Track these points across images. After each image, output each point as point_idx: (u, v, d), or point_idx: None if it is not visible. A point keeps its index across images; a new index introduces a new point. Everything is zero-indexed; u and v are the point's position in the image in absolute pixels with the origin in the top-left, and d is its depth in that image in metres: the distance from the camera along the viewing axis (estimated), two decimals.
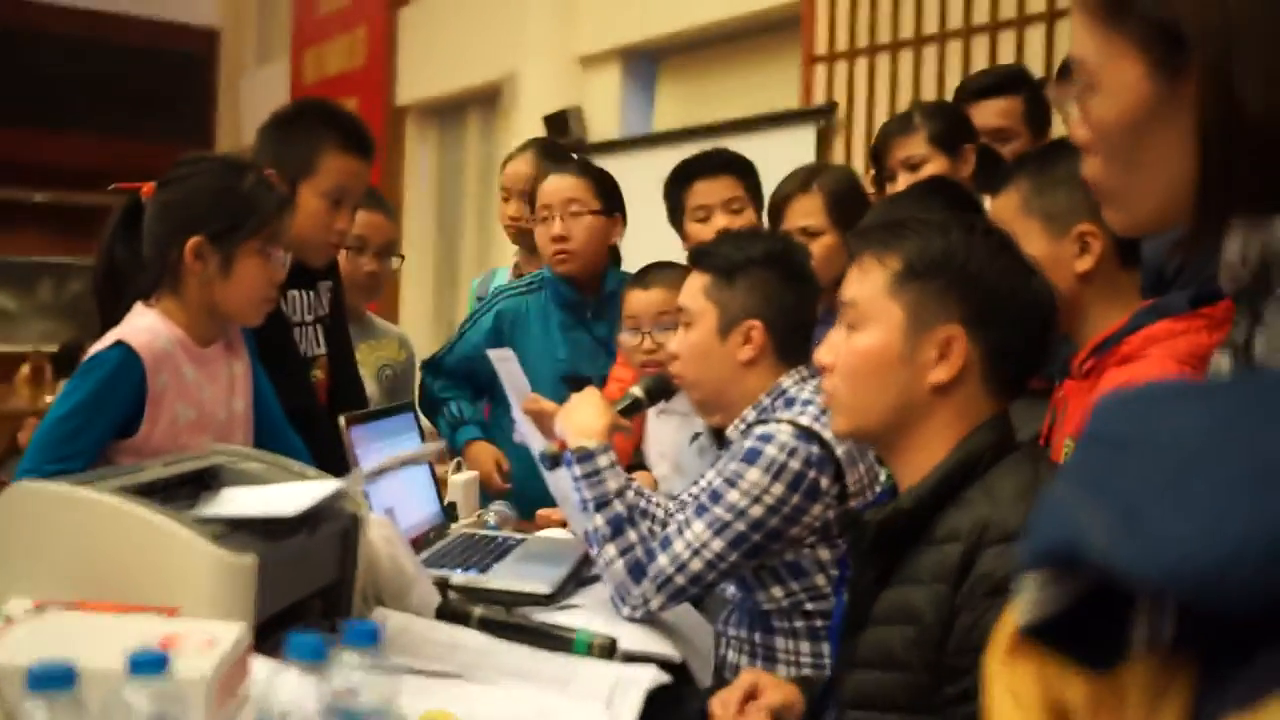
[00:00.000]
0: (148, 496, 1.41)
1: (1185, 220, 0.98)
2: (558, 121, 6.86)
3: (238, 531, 1.35)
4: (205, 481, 1.60)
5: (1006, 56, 5.01)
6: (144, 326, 1.84)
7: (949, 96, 5.14)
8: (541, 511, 2.54)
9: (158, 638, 1.11)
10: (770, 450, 1.75)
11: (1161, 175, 0.97)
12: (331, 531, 1.52)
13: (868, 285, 1.33)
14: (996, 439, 1.30)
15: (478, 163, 8.10)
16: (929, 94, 5.31)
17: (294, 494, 1.46)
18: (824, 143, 5.71)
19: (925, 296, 1.30)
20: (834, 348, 1.37)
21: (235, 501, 1.52)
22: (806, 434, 1.77)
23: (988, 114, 2.44)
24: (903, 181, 2.45)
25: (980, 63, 5.10)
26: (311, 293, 2.35)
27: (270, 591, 1.34)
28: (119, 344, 1.79)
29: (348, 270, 2.60)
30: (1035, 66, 4.93)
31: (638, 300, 2.49)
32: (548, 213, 2.83)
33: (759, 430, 1.80)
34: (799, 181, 2.57)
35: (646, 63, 6.97)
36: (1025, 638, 0.78)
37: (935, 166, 2.43)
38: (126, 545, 1.30)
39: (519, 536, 2.23)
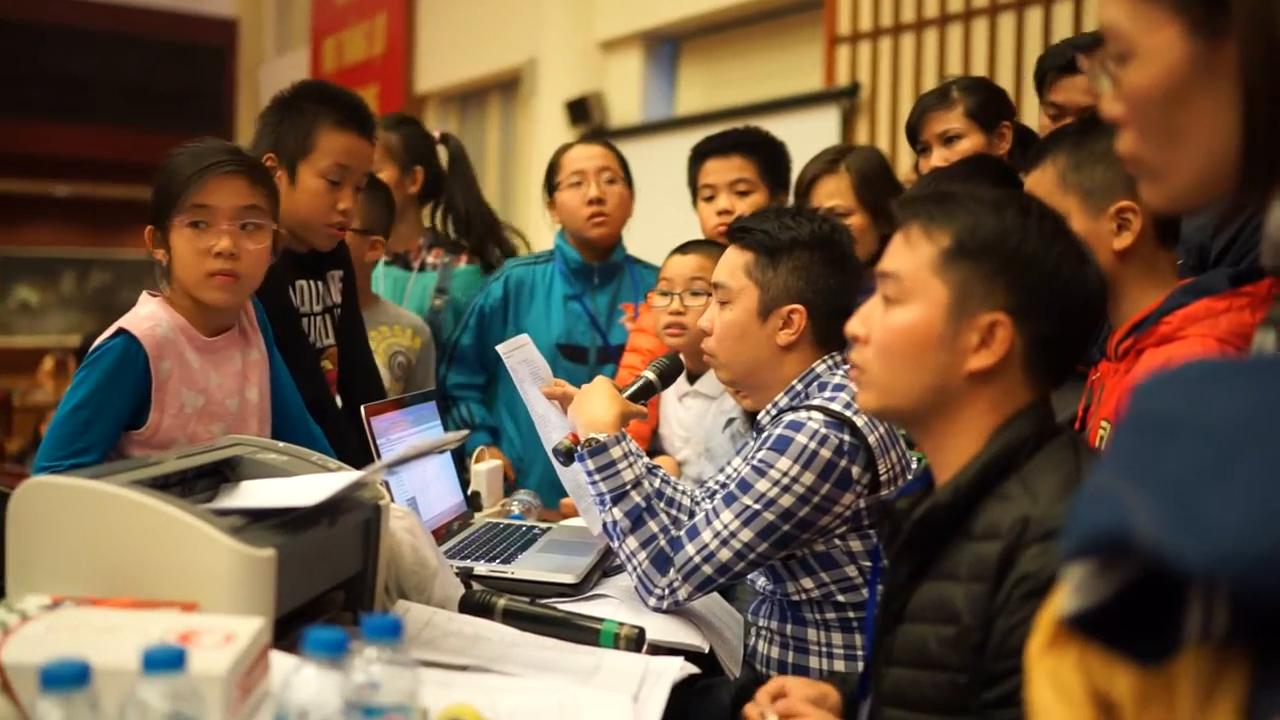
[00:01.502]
0: (164, 489, 1.39)
1: (1227, 193, 0.94)
2: (579, 107, 6.83)
3: (256, 524, 1.33)
4: (224, 474, 1.58)
5: (1033, 34, 4.94)
6: (145, 314, 1.85)
7: (974, 74, 5.14)
8: (566, 500, 2.51)
9: (175, 633, 1.09)
10: (800, 438, 1.71)
11: (1202, 145, 0.92)
12: (353, 523, 1.49)
13: (913, 258, 1.25)
14: (1036, 427, 1.23)
15: (499, 150, 8.08)
16: (954, 73, 5.22)
17: (313, 486, 1.44)
18: (848, 124, 5.65)
19: (973, 278, 1.22)
20: (867, 319, 1.29)
21: (254, 494, 1.50)
22: (838, 421, 1.73)
23: (1075, 90, 2.26)
24: (937, 156, 2.39)
25: (1007, 41, 5.04)
26: (320, 283, 2.32)
27: (290, 585, 1.31)
28: (121, 332, 1.81)
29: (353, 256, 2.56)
30: None
31: (675, 264, 2.50)
32: (580, 178, 2.89)
33: (789, 417, 1.76)
34: (826, 162, 2.55)
35: (668, 46, 6.93)
36: (1068, 628, 0.74)
37: (971, 142, 2.37)
38: (143, 539, 1.27)
39: (543, 526, 2.21)
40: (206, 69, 10.74)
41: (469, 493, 2.34)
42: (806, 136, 4.17)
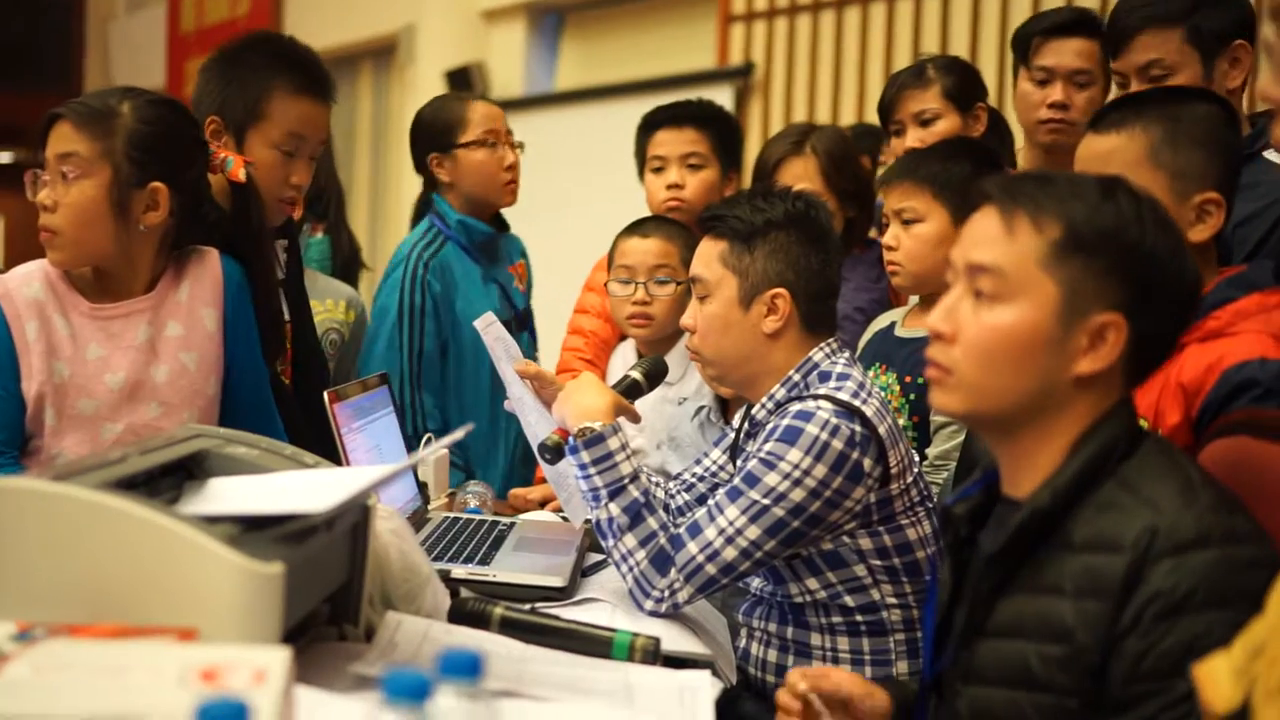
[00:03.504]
0: (132, 491, 1.19)
1: None
2: (460, 77, 6.58)
3: (251, 533, 1.15)
4: (189, 469, 1.38)
5: (932, 18, 4.96)
6: (23, 272, 1.76)
7: (872, 59, 5.15)
8: (515, 491, 2.36)
9: (195, 671, 0.91)
10: (811, 428, 1.61)
11: None
12: (343, 528, 1.32)
13: (1017, 251, 1.13)
14: (1126, 429, 1.15)
15: (371, 120, 7.74)
16: (851, 56, 5.24)
17: (308, 486, 1.27)
18: (741, 104, 5.58)
19: (1087, 275, 1.11)
20: (952, 314, 1.17)
21: (229, 494, 1.31)
22: (848, 411, 1.63)
23: (1068, 53, 2.23)
24: (912, 136, 2.32)
25: (905, 24, 5.04)
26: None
27: (291, 603, 1.14)
28: None
29: None
30: (961, 31, 4.90)
31: (635, 249, 2.36)
32: (494, 138, 2.63)
33: (796, 407, 1.65)
34: (791, 143, 2.45)
35: (552, 18, 6.74)
36: None
37: (948, 123, 2.30)
38: (125, 554, 1.08)
39: (507, 520, 2.04)
40: (53, 25, 9.97)
41: (418, 483, 2.15)
42: None
